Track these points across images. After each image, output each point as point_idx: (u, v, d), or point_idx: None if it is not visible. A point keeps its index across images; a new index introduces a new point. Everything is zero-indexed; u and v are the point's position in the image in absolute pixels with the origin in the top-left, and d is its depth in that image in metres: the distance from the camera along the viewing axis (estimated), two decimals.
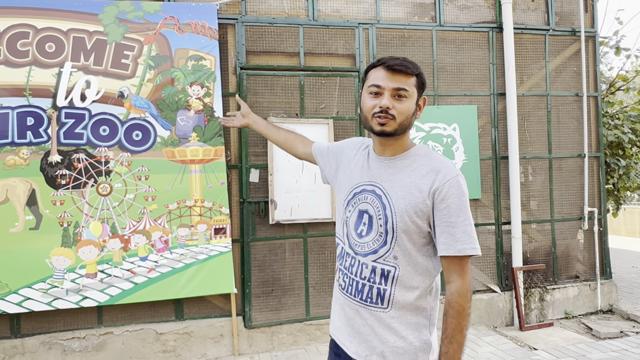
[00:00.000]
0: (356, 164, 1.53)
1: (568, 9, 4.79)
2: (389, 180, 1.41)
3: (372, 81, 1.39)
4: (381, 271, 1.38)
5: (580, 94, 4.78)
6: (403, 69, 1.35)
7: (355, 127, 4.22)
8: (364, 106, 1.42)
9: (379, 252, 1.38)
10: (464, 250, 1.31)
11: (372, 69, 1.43)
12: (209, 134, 3.84)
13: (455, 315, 1.30)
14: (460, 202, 1.33)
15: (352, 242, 1.45)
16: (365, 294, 1.40)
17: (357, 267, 1.42)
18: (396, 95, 1.36)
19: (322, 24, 4.17)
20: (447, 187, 1.33)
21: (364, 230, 1.42)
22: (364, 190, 1.45)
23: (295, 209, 4.01)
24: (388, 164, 1.44)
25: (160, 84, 3.75)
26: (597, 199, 4.82)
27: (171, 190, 3.74)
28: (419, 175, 1.37)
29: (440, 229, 1.33)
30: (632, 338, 3.99)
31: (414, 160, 1.42)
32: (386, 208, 1.38)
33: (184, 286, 3.71)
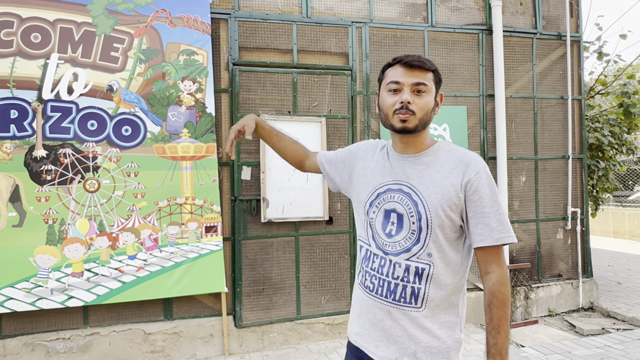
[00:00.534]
0: (376, 165, 1.51)
1: (554, 13, 4.90)
2: (417, 177, 1.40)
3: (391, 78, 1.38)
4: (415, 269, 1.36)
5: (565, 97, 4.89)
6: (421, 64, 1.36)
7: (348, 125, 4.21)
8: (383, 104, 1.40)
9: (412, 250, 1.36)
10: (501, 239, 1.32)
11: (388, 67, 1.43)
12: (200, 130, 3.77)
13: (499, 304, 1.31)
14: (492, 192, 1.35)
15: (380, 242, 1.41)
16: (399, 294, 1.37)
17: (389, 267, 1.38)
18: (415, 90, 1.36)
19: (316, 22, 4.14)
20: (478, 179, 1.35)
21: (393, 230, 1.39)
22: (388, 190, 1.42)
23: (287, 208, 3.98)
24: (413, 161, 1.42)
25: (150, 78, 3.66)
26: (580, 199, 4.95)
27: (161, 187, 3.66)
28: (448, 170, 1.37)
29: (475, 221, 1.34)
30: (613, 335, 4.11)
31: (439, 156, 1.41)
32: (418, 205, 1.36)
33: (174, 285, 3.64)
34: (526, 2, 4.82)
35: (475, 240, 1.35)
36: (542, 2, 4.84)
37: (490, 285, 1.33)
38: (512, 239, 1.33)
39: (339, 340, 4.07)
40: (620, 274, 6.61)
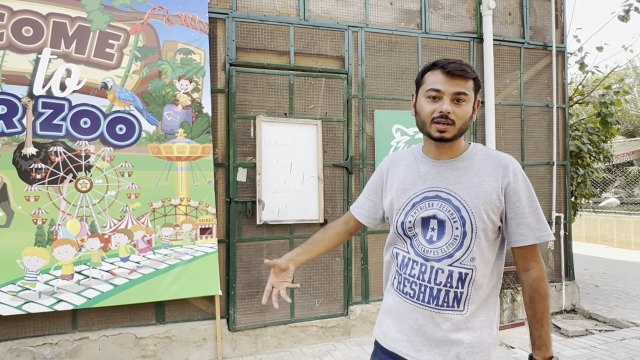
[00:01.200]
0: (405, 175, 1.50)
1: (541, 24, 5.06)
2: (456, 183, 1.40)
3: (431, 85, 1.36)
4: (459, 275, 1.36)
5: (550, 105, 5.05)
6: (462, 73, 1.34)
7: (343, 128, 4.23)
8: (422, 110, 1.39)
9: (455, 256, 1.36)
10: (542, 237, 1.36)
11: (427, 71, 1.40)
12: (196, 131, 3.71)
13: (541, 299, 1.35)
14: (529, 193, 1.38)
15: (420, 249, 1.40)
16: (442, 299, 1.37)
17: (431, 273, 1.38)
18: (455, 99, 1.34)
19: (313, 25, 4.15)
20: (516, 181, 1.37)
21: (434, 236, 1.39)
22: (425, 198, 1.42)
23: (282, 210, 3.96)
24: (450, 167, 1.42)
25: (146, 76, 3.59)
26: (563, 204, 5.11)
27: (156, 188, 3.58)
28: (487, 173, 1.38)
29: (515, 221, 1.37)
30: (597, 336, 4.25)
31: (475, 160, 1.42)
32: (461, 210, 1.36)
33: (167, 288, 3.56)
34: (515, 12, 4.96)
35: (516, 240, 1.38)
36: (530, 13, 4.99)
37: (532, 282, 1.37)
38: (551, 236, 1.38)
39: (332, 344, 4.06)
40: (596, 277, 6.85)
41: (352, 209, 1.69)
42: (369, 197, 1.64)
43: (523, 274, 1.40)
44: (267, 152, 3.93)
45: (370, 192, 1.64)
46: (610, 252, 9.18)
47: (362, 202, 1.66)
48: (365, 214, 1.64)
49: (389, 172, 1.55)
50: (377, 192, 1.60)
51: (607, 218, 9.98)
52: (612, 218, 9.87)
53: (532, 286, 1.37)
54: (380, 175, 1.59)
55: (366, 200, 1.64)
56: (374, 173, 1.65)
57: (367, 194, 1.65)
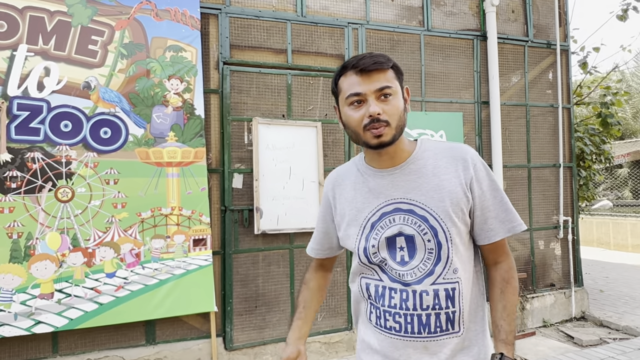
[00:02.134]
0: (355, 195, 1.30)
1: (544, 22, 4.90)
2: (414, 189, 1.22)
3: (349, 90, 1.18)
4: (445, 293, 1.20)
5: (555, 105, 4.89)
6: (377, 66, 1.16)
7: (344, 131, 3.98)
8: (349, 122, 1.20)
9: (436, 272, 1.20)
10: (513, 228, 1.25)
11: (339, 77, 1.23)
12: (188, 134, 3.44)
13: (513, 291, 1.26)
14: (491, 180, 1.26)
15: (394, 274, 1.21)
16: (434, 325, 1.20)
17: (415, 299, 1.19)
18: (381, 96, 1.17)
19: (311, 21, 3.92)
20: (477, 172, 1.24)
21: (405, 255, 1.21)
22: (384, 215, 1.23)
23: (282, 218, 3.69)
24: (401, 173, 1.24)
25: (133, 75, 3.31)
26: (570, 208, 4.94)
27: (144, 197, 3.29)
28: (445, 170, 1.23)
29: (483, 216, 1.24)
30: (612, 345, 4.05)
31: (427, 157, 1.25)
32: (428, 219, 1.19)
33: (158, 306, 3.26)
34: (518, 10, 4.80)
35: (486, 236, 1.25)
36: (533, 11, 4.83)
37: (503, 273, 1.28)
38: (522, 225, 1.26)
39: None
40: (599, 282, 6.69)
41: (308, 250, 1.52)
42: (318, 228, 1.46)
43: (493, 267, 1.30)
44: (264, 157, 3.67)
45: (319, 221, 1.45)
46: (608, 255, 9.08)
47: (314, 236, 1.49)
48: (318, 247, 1.46)
49: (335, 194, 1.36)
50: (326, 219, 1.41)
51: (604, 221, 9.90)
52: (608, 220, 9.80)
53: (504, 277, 1.27)
54: (326, 200, 1.40)
55: (316, 233, 1.47)
56: (323, 196, 1.44)
57: (317, 225, 1.46)
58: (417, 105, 4.27)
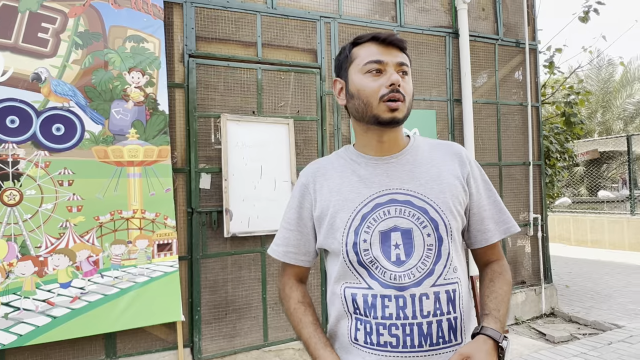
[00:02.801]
0: (342, 183, 1.15)
1: (513, 20, 4.93)
2: (412, 179, 1.12)
3: (369, 57, 1.10)
4: (447, 295, 1.08)
5: (525, 104, 4.92)
6: (399, 42, 1.12)
7: (317, 128, 3.84)
8: (363, 90, 1.10)
9: (436, 271, 1.08)
10: (509, 229, 1.20)
11: (356, 46, 1.15)
12: (151, 131, 3.20)
13: (505, 282, 1.16)
14: (485, 180, 1.22)
15: (387, 277, 1.07)
16: (435, 335, 1.06)
17: (414, 305, 1.06)
18: (400, 72, 1.11)
19: (282, 14, 3.75)
20: (472, 169, 1.19)
21: (401, 254, 1.07)
22: (377, 206, 1.10)
23: (253, 220, 3.51)
24: (398, 162, 1.15)
25: (90, 67, 3.04)
26: (540, 205, 4.99)
27: (103, 199, 3.03)
28: (442, 162, 1.16)
29: (479, 216, 1.18)
30: (583, 341, 4.10)
31: (423, 151, 1.18)
32: (428, 211, 1.09)
33: (119, 317, 3.01)
34: (488, 8, 4.80)
35: (482, 238, 1.18)
36: (503, 9, 4.85)
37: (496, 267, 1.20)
38: (517, 227, 1.22)
39: None
40: (564, 277, 6.85)
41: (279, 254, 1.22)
42: (290, 227, 1.21)
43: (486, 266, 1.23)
44: (234, 155, 3.48)
45: (292, 219, 1.21)
46: (570, 251, 9.36)
47: (285, 237, 1.22)
48: (294, 250, 1.21)
49: (316, 186, 1.18)
50: (302, 215, 1.20)
51: (564, 217, 10.21)
52: (569, 217, 10.11)
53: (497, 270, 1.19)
54: (303, 192, 1.20)
55: (288, 233, 1.21)
56: (293, 193, 1.24)
57: (289, 223, 1.22)
58: None
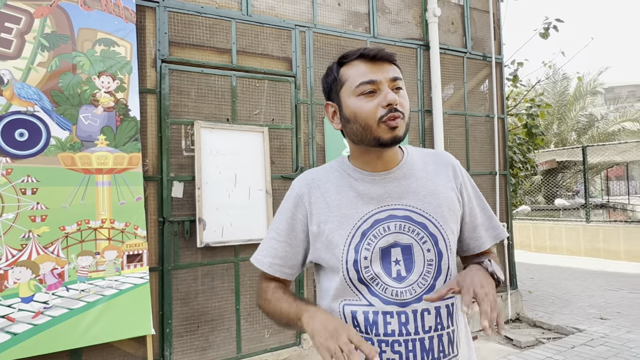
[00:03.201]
0: (340, 198, 1.13)
1: (481, 35, 5.10)
2: (410, 194, 1.13)
3: (360, 78, 1.06)
4: (446, 310, 1.10)
5: (491, 116, 5.09)
6: (389, 56, 1.09)
7: (292, 136, 3.83)
8: (359, 113, 1.06)
9: (437, 286, 1.09)
10: (499, 235, 1.24)
11: (343, 66, 1.12)
12: (121, 138, 3.09)
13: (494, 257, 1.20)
14: (475, 188, 1.24)
15: (389, 293, 1.07)
16: (437, 349, 1.07)
17: (415, 321, 1.06)
18: (394, 88, 1.08)
19: (257, 21, 3.73)
20: (464, 178, 1.21)
21: (402, 270, 1.08)
22: (377, 222, 1.10)
23: (227, 229, 3.44)
24: (394, 177, 1.14)
25: (56, 70, 2.91)
26: (505, 214, 5.15)
27: (69, 208, 2.89)
28: (436, 175, 1.17)
29: (471, 225, 1.20)
30: (548, 345, 4.24)
31: (416, 162, 1.18)
32: (427, 226, 1.10)
33: (85, 332, 2.87)
34: (457, 22, 4.94)
35: (475, 246, 1.21)
36: (471, 24, 5.01)
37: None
38: (505, 232, 1.26)
39: None
40: (526, 283, 7.08)
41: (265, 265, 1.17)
42: (279, 238, 1.16)
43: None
44: (207, 163, 3.41)
45: (282, 230, 1.17)
46: (530, 257, 9.71)
47: (272, 248, 1.17)
48: (280, 263, 1.17)
49: (312, 198, 1.15)
50: (295, 227, 1.16)
51: (525, 224, 10.59)
52: (529, 224, 10.49)
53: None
54: (297, 204, 1.16)
55: (276, 244, 1.17)
56: (285, 203, 1.20)
57: (278, 234, 1.17)
58: None
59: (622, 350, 3.97)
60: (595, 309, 5.38)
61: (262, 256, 1.19)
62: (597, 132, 16.30)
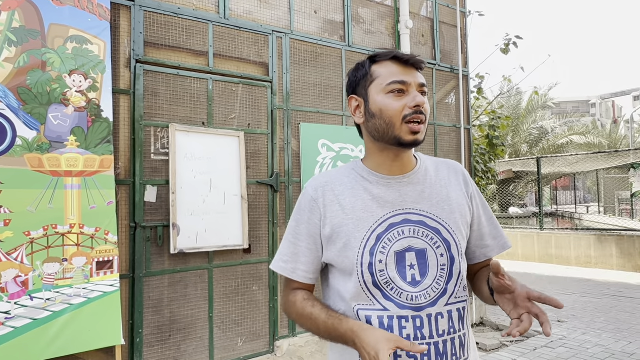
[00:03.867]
0: (355, 201, 1.14)
1: (449, 48, 5.28)
2: (424, 199, 1.15)
3: (392, 77, 1.10)
4: (458, 313, 1.12)
5: (458, 126, 5.27)
6: (421, 62, 1.14)
7: (268, 142, 3.81)
8: (388, 109, 1.10)
9: (449, 290, 1.11)
10: (505, 245, 1.25)
11: (375, 64, 1.15)
12: (93, 139, 2.97)
13: None
14: (481, 196, 1.26)
15: (404, 298, 1.08)
16: (450, 353, 1.09)
17: (430, 325, 1.08)
18: (421, 92, 1.12)
19: (234, 25, 3.70)
20: (472, 186, 1.24)
21: (417, 273, 1.10)
22: (392, 226, 1.11)
23: (201, 235, 3.36)
24: (409, 182, 1.16)
25: (25, 66, 2.76)
26: None
27: (35, 212, 2.74)
28: (448, 182, 1.20)
29: (479, 233, 1.22)
30: (512, 348, 4.40)
31: (430, 170, 1.21)
32: (440, 231, 1.13)
33: (51, 343, 2.71)
34: (427, 34, 5.10)
35: (482, 254, 1.23)
36: (440, 37, 5.18)
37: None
38: (509, 242, 1.27)
39: None
40: None
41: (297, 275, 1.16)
42: (301, 244, 1.16)
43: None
44: (182, 167, 3.33)
45: (302, 236, 1.16)
46: None
47: (295, 253, 1.16)
48: (307, 269, 1.16)
49: (326, 201, 1.15)
50: (313, 232, 1.15)
51: None
52: None
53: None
54: (313, 208, 1.16)
55: (301, 250, 1.16)
56: (300, 205, 1.19)
57: (297, 238, 1.17)
58: (339, 119, 4.26)
59: (580, 352, 4.18)
60: (552, 312, 5.64)
61: (284, 262, 1.17)
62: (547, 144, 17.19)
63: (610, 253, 8.92)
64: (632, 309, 5.76)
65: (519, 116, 17.34)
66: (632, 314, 5.52)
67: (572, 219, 13.39)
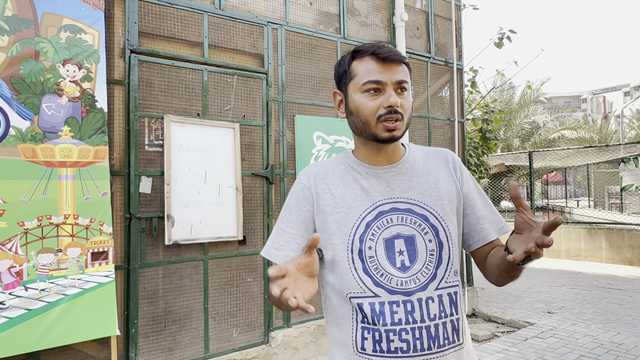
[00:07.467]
0: (345, 190, 1.18)
1: (443, 41, 5.30)
2: (411, 188, 1.18)
3: (367, 76, 1.12)
4: (449, 297, 1.14)
5: (452, 119, 5.30)
6: (399, 57, 1.13)
7: (263, 134, 3.80)
8: (362, 109, 1.13)
9: (438, 275, 1.13)
10: (503, 228, 1.23)
11: (355, 59, 1.16)
12: (87, 130, 2.95)
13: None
14: (475, 182, 1.26)
15: (394, 283, 1.11)
16: (442, 337, 1.11)
17: (421, 309, 1.10)
18: (398, 89, 1.13)
19: (230, 16, 3.68)
20: (463, 172, 1.24)
21: (406, 259, 1.13)
22: (380, 214, 1.15)
23: (196, 226, 3.36)
24: (397, 172, 1.20)
25: (18, 56, 2.73)
26: None
27: (29, 203, 2.72)
28: (436, 169, 1.22)
29: (474, 217, 1.22)
30: (503, 339, 4.47)
31: (418, 158, 1.23)
32: (428, 218, 1.15)
33: (45, 334, 2.71)
34: (422, 27, 5.11)
35: (479, 238, 1.22)
36: (434, 30, 5.19)
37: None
38: (508, 226, 1.23)
39: None
40: (478, 280, 7.40)
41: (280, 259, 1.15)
42: (294, 232, 1.18)
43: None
44: (177, 158, 3.32)
45: (294, 223, 1.19)
46: None
47: (287, 240, 1.18)
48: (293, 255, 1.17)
49: (317, 189, 1.20)
50: (306, 220, 1.19)
51: None
52: None
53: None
54: (305, 196, 1.20)
55: (291, 236, 1.18)
56: (292, 194, 1.23)
57: (289, 226, 1.19)
58: (334, 112, 4.27)
59: (570, 342, 4.25)
60: (542, 304, 5.73)
61: (276, 249, 1.17)
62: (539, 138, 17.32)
63: (599, 246, 9.04)
64: (621, 300, 5.86)
65: (511, 110, 17.44)
66: (621, 305, 5.61)
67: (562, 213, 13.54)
